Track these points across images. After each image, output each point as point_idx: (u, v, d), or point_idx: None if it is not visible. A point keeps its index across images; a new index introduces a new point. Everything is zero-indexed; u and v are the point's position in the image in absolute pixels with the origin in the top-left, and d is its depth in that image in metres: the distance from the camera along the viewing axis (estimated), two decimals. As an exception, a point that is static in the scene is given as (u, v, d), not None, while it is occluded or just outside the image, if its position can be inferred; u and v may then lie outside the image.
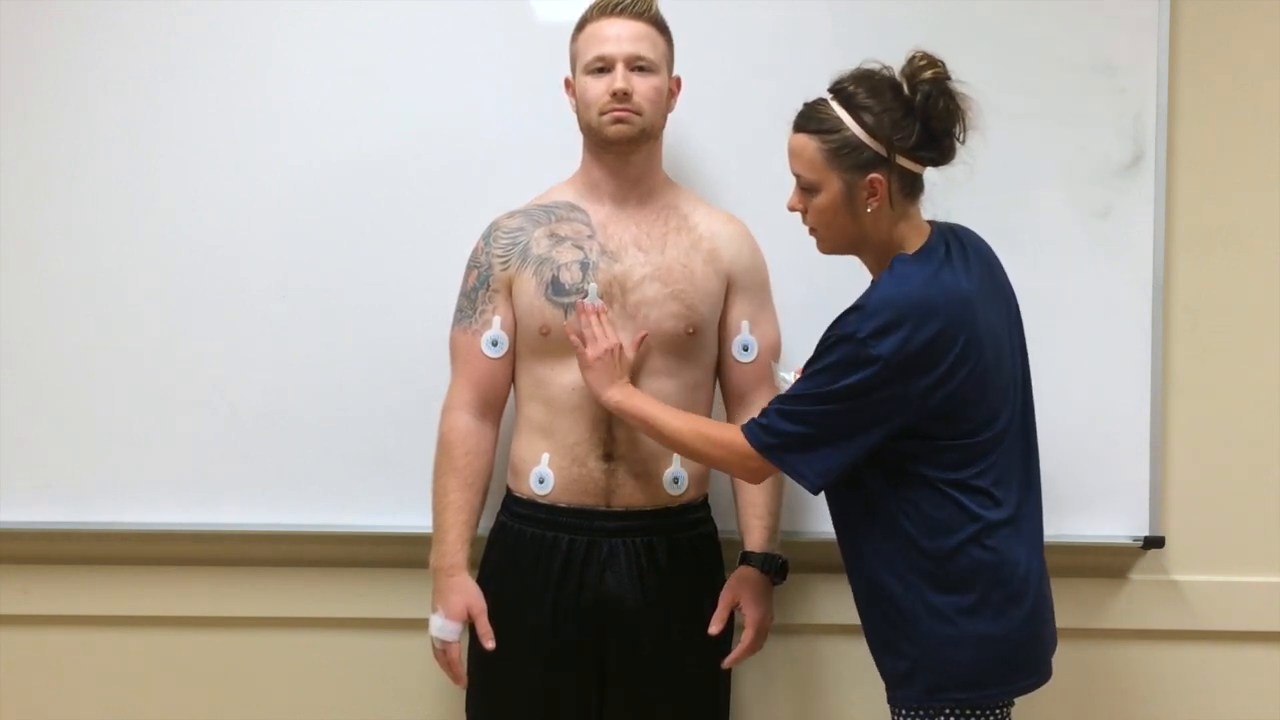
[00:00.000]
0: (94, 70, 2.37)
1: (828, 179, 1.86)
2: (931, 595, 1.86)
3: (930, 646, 1.87)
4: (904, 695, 1.91)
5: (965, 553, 1.85)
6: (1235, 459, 2.48)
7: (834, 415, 1.83)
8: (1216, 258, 2.47)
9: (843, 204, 1.87)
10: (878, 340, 1.78)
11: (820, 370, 1.84)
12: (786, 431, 1.86)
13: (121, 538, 2.43)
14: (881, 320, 1.79)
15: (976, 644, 1.86)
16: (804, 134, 1.88)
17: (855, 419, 1.83)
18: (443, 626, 2.11)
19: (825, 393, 1.82)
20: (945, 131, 1.86)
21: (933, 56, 1.85)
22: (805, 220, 1.93)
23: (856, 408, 1.82)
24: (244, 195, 2.38)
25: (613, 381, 2.04)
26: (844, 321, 1.83)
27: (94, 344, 2.39)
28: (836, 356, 1.82)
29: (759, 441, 1.88)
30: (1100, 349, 2.39)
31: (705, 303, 2.14)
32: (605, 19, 2.09)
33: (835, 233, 1.91)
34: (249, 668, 2.48)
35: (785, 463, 1.88)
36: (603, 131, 2.09)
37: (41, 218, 2.39)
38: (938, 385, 1.81)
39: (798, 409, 1.86)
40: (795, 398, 1.87)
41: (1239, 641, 2.49)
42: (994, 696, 1.89)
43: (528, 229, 2.16)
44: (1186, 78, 2.43)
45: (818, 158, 1.86)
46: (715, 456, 1.97)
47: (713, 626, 2.12)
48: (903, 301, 1.81)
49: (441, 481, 2.14)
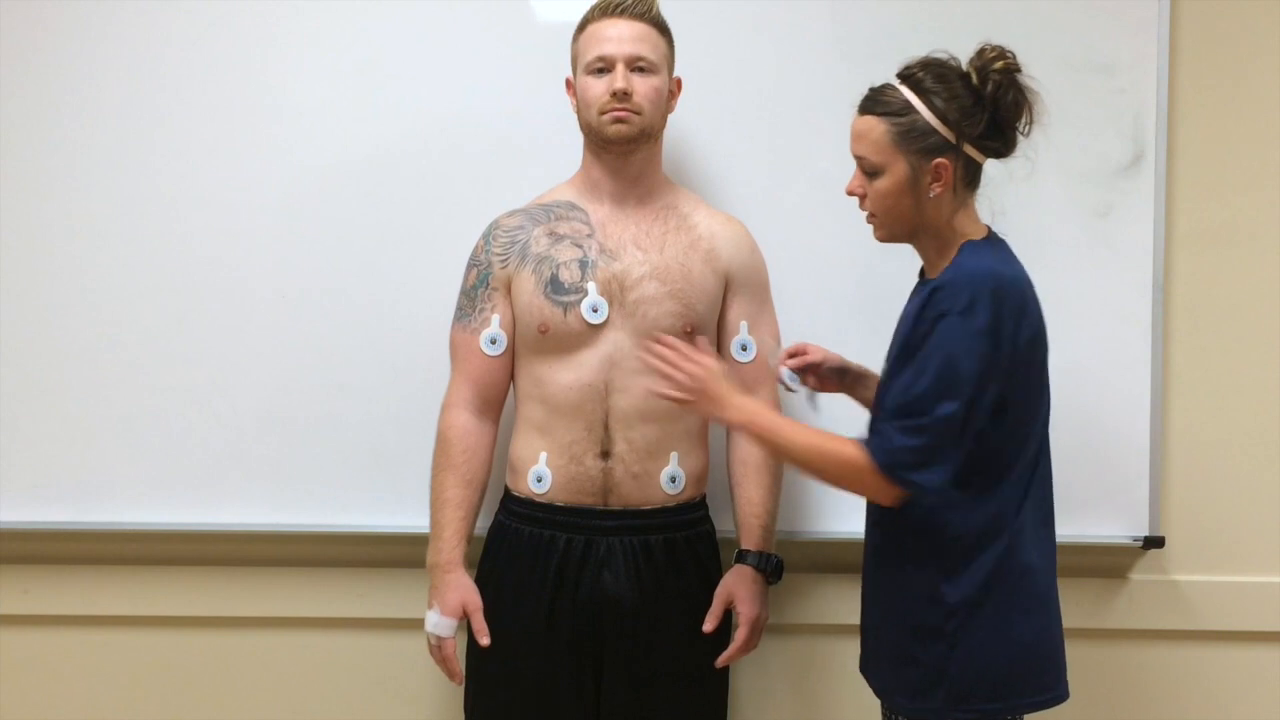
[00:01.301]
0: (94, 70, 2.38)
1: (894, 162, 1.85)
2: (968, 598, 1.83)
3: (963, 652, 1.84)
4: (921, 708, 1.88)
5: (1005, 555, 1.84)
6: (1235, 459, 2.48)
7: (961, 397, 1.77)
8: (1216, 258, 2.47)
9: (907, 188, 1.85)
10: (974, 313, 1.76)
11: (924, 357, 1.78)
12: (909, 446, 1.78)
13: (121, 538, 2.43)
14: (971, 294, 1.77)
15: (1010, 649, 1.85)
16: (871, 116, 1.87)
17: (971, 399, 1.78)
18: (438, 622, 2.11)
19: (956, 378, 1.76)
20: (1011, 123, 1.87)
21: (1003, 48, 1.86)
22: (864, 206, 1.91)
23: (979, 388, 1.78)
24: (244, 195, 2.38)
25: (719, 407, 1.91)
26: (935, 301, 1.79)
27: (94, 344, 2.39)
28: (940, 335, 1.77)
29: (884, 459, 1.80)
30: (1100, 349, 2.39)
31: (703, 302, 2.14)
32: (606, 19, 2.10)
33: (894, 218, 1.89)
34: (249, 668, 2.48)
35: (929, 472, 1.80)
36: (603, 131, 2.09)
37: (41, 217, 2.39)
38: (1020, 365, 1.81)
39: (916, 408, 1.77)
40: (920, 397, 1.77)
41: (1239, 641, 2.49)
42: (1019, 708, 1.87)
43: (527, 228, 2.16)
44: (1186, 78, 2.43)
45: (885, 140, 1.85)
46: (843, 482, 1.87)
47: (707, 624, 2.12)
48: (989, 277, 1.79)
49: (439, 478, 2.14)
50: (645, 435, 2.11)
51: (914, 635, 1.88)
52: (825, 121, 2.36)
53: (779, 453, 1.95)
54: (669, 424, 2.12)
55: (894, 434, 1.79)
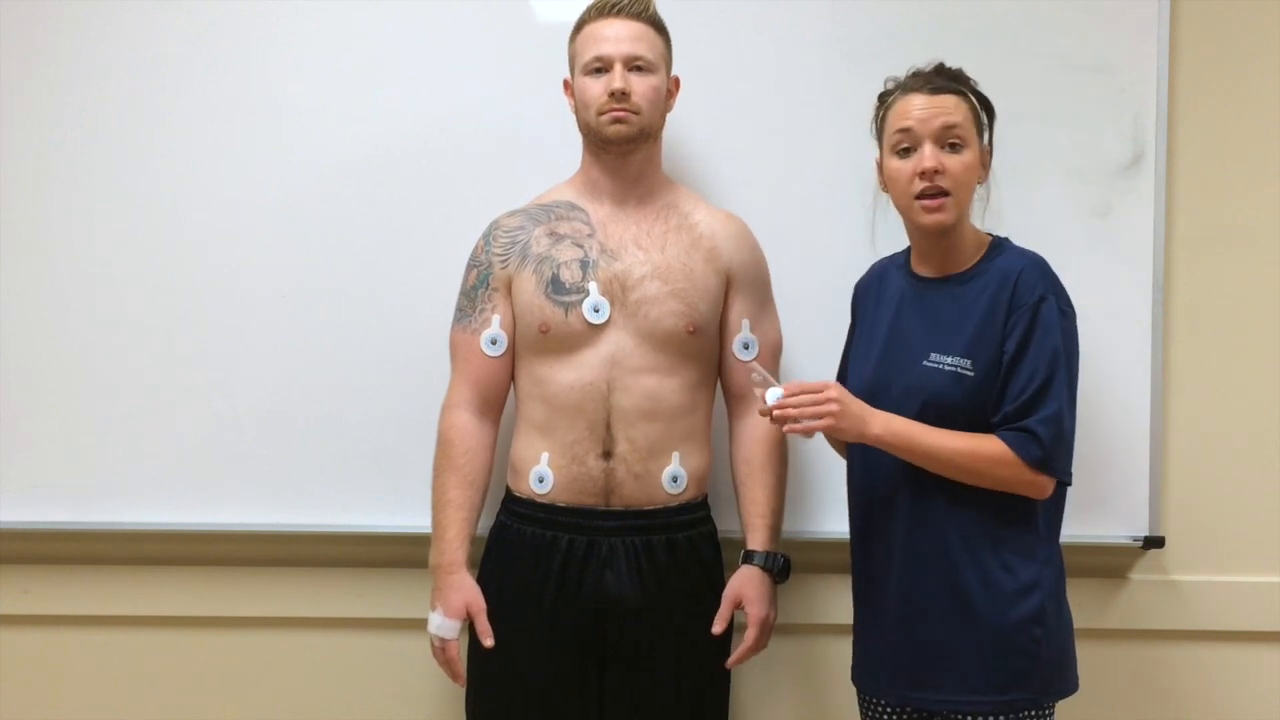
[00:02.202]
0: (94, 70, 2.38)
1: (973, 139, 1.93)
2: (1052, 584, 1.92)
3: (1052, 636, 1.90)
4: (1013, 699, 1.90)
5: (1050, 545, 1.93)
6: (1235, 459, 2.48)
7: (1071, 381, 1.91)
8: (1216, 258, 2.47)
9: (979, 167, 1.95)
10: (1060, 295, 1.91)
11: (1038, 342, 1.87)
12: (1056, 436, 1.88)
13: (122, 538, 2.43)
14: (1050, 277, 1.92)
15: (1068, 632, 1.95)
16: (952, 95, 1.93)
17: (1074, 380, 1.92)
18: (441, 624, 2.11)
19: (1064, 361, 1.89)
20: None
21: None
22: (940, 181, 1.91)
23: (1073, 367, 1.92)
24: (244, 195, 2.38)
25: (863, 423, 1.89)
26: (1023, 288, 1.89)
27: (94, 344, 2.39)
28: (1045, 320, 1.88)
29: (1032, 456, 1.87)
30: (1100, 349, 2.38)
31: (705, 301, 2.14)
32: (603, 19, 2.10)
33: (967, 197, 1.95)
34: (249, 668, 2.48)
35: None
36: (602, 131, 2.09)
37: (42, 217, 2.39)
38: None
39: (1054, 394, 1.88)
40: (1046, 384, 1.87)
41: (1239, 641, 2.49)
42: (1066, 691, 1.96)
43: (528, 228, 2.16)
44: (1186, 78, 2.43)
45: (970, 118, 1.93)
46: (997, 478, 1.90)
47: (716, 626, 2.11)
48: (1044, 263, 1.94)
49: (441, 480, 2.14)
50: (647, 435, 2.11)
51: (1016, 626, 1.89)
52: (825, 121, 2.37)
53: (925, 459, 1.90)
54: (671, 423, 2.12)
55: (1037, 429, 1.85)
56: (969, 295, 1.93)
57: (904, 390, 1.94)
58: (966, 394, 1.89)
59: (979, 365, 1.89)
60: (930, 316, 1.96)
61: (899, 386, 1.95)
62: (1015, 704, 1.89)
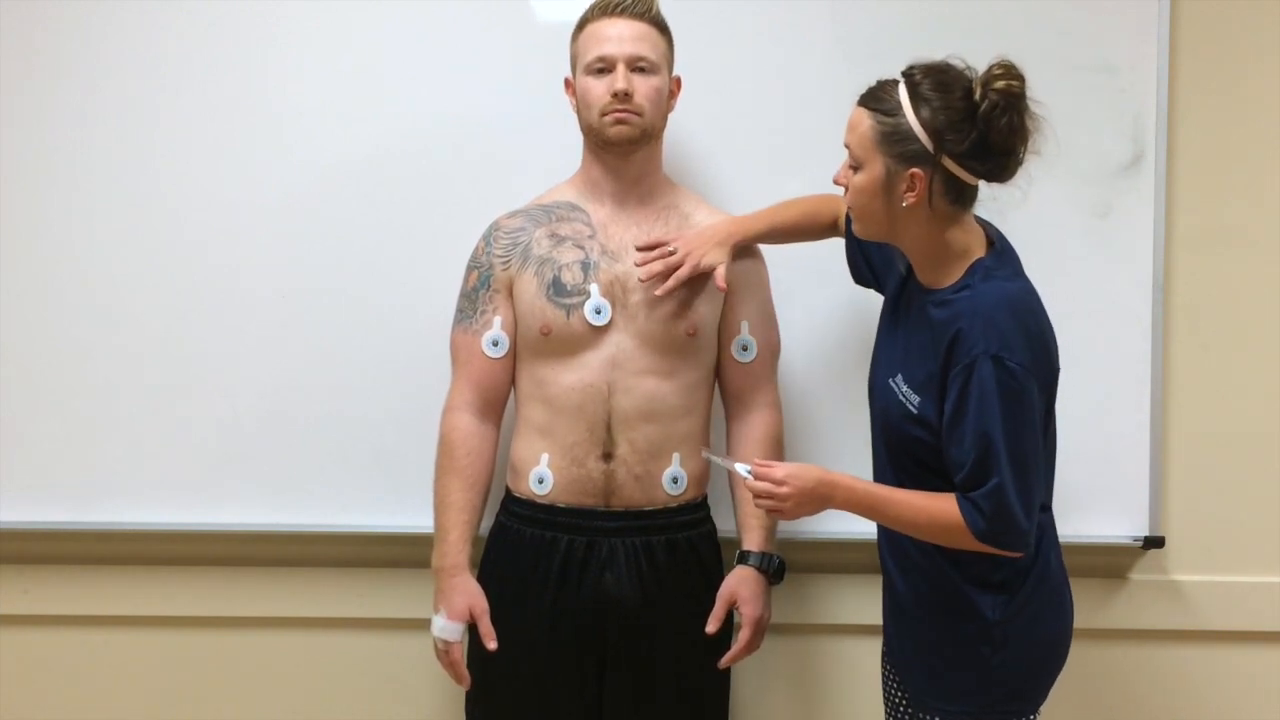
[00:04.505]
0: (94, 70, 2.37)
1: (873, 160, 1.81)
2: (1010, 614, 1.87)
3: (1004, 659, 1.87)
4: (961, 709, 1.90)
5: (1042, 553, 1.89)
6: (1235, 459, 2.48)
7: (1017, 446, 1.76)
8: (1216, 258, 2.47)
9: (880, 189, 1.81)
10: (1012, 352, 1.75)
11: (973, 410, 1.76)
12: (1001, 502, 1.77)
13: (122, 538, 2.43)
14: (997, 330, 1.75)
15: (1039, 650, 1.91)
16: (864, 109, 1.83)
17: (1035, 438, 1.79)
18: (445, 627, 2.11)
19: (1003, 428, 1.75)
20: (1004, 149, 1.79)
21: (1013, 67, 1.78)
22: (845, 198, 1.90)
23: (1033, 426, 1.78)
24: (244, 195, 2.38)
25: (823, 501, 1.87)
26: (959, 348, 1.77)
27: (94, 344, 2.39)
28: (979, 384, 1.75)
29: (977, 529, 1.79)
30: (1100, 349, 2.39)
31: (705, 303, 2.14)
32: (605, 19, 2.09)
33: (868, 216, 1.86)
34: (249, 668, 2.48)
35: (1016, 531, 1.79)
36: (604, 132, 2.09)
37: (42, 217, 2.39)
38: (1047, 372, 1.84)
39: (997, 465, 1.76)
40: (983, 457, 1.76)
41: (1239, 641, 2.49)
42: (1038, 701, 1.94)
43: (528, 229, 2.16)
44: (1186, 78, 2.43)
45: (869, 136, 1.81)
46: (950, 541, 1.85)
47: (710, 626, 2.11)
48: (1003, 304, 1.78)
49: (443, 482, 2.14)
50: (647, 436, 2.10)
51: (959, 642, 1.89)
52: (825, 121, 2.36)
53: (889, 524, 1.90)
54: (671, 425, 2.12)
55: (981, 502, 1.77)
56: (937, 326, 1.83)
57: (874, 402, 1.95)
58: (912, 429, 1.86)
59: (925, 407, 1.84)
60: (907, 332, 1.91)
61: (875, 395, 1.96)
62: (964, 714, 1.90)
